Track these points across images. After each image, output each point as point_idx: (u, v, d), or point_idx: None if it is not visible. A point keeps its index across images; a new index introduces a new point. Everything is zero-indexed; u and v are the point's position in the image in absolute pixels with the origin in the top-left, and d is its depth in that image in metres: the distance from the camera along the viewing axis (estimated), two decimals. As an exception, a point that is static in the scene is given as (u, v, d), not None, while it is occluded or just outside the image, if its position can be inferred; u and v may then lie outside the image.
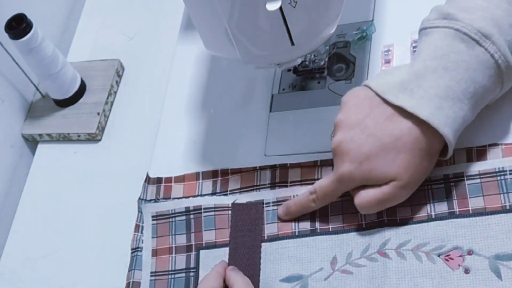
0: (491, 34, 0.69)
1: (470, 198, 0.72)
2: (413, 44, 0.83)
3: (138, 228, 0.83)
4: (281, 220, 0.78)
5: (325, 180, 0.74)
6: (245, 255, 0.77)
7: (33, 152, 0.99)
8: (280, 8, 0.71)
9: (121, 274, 0.82)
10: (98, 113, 0.97)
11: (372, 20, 0.89)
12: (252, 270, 0.76)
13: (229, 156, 0.85)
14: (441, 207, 0.73)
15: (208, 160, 0.86)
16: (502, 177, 0.72)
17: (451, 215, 0.72)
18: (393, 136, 0.70)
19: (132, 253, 0.82)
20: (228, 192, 0.82)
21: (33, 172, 0.97)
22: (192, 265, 0.79)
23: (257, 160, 0.83)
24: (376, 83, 0.73)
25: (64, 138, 0.98)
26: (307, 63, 0.88)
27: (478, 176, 0.73)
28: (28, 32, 0.91)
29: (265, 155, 0.84)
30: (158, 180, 0.86)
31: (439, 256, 0.70)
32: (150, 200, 0.84)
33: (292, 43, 0.74)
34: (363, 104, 0.73)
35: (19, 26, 0.91)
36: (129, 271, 0.81)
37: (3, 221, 0.95)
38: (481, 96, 0.71)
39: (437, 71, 0.70)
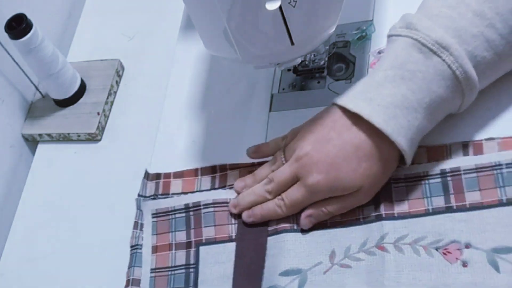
0: (449, 44, 0.71)
1: (466, 192, 0.73)
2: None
3: (137, 225, 0.84)
4: (246, 222, 0.79)
5: (294, 190, 0.76)
6: (252, 244, 0.78)
7: (33, 152, 0.99)
8: (280, 7, 0.71)
9: (121, 274, 0.82)
10: (98, 113, 0.97)
11: (372, 20, 0.89)
12: (257, 261, 0.76)
13: (229, 155, 0.85)
14: (438, 202, 0.74)
15: (208, 160, 0.86)
16: (499, 171, 0.73)
17: (448, 209, 0.73)
18: (354, 146, 0.72)
19: (131, 250, 0.82)
20: (227, 187, 0.83)
21: (33, 172, 0.97)
22: (192, 261, 0.79)
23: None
24: (340, 97, 0.75)
25: (64, 138, 0.98)
26: (307, 62, 0.88)
27: (474, 170, 0.74)
28: (28, 32, 0.91)
29: (265, 155, 0.84)
30: (157, 176, 0.86)
31: (437, 249, 0.71)
32: (149, 197, 0.85)
33: (292, 43, 0.74)
34: (327, 117, 0.75)
35: (19, 26, 0.90)
36: (128, 268, 0.81)
37: (3, 221, 0.94)
38: (438, 106, 0.73)
39: (394, 80, 0.72)
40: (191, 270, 0.79)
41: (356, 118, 0.73)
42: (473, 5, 0.71)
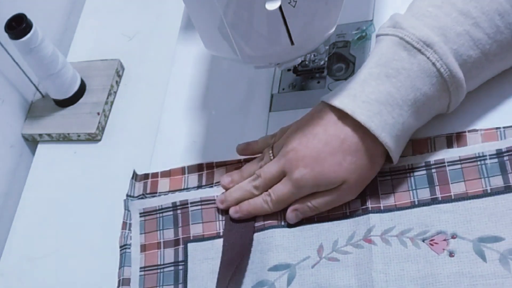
0: (433, 42, 0.71)
1: (451, 183, 0.74)
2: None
3: (125, 225, 0.84)
4: (233, 218, 0.79)
5: (280, 185, 0.76)
6: (238, 239, 0.78)
7: (33, 152, 0.99)
8: (280, 7, 0.71)
9: (121, 274, 0.82)
10: (98, 113, 0.97)
11: (372, 20, 0.89)
12: (242, 255, 0.76)
13: (228, 155, 0.85)
14: (424, 194, 0.74)
15: (208, 160, 0.86)
16: (482, 162, 0.74)
17: (434, 201, 0.74)
18: (339, 139, 0.73)
19: (120, 250, 0.82)
20: (214, 184, 0.83)
21: (33, 172, 0.97)
22: (180, 259, 0.79)
23: (257, 160, 0.83)
24: (327, 95, 0.76)
25: (64, 138, 0.98)
26: (307, 62, 0.88)
27: (458, 162, 0.75)
28: (28, 32, 0.91)
29: (265, 155, 0.84)
30: (145, 176, 0.86)
31: (423, 241, 0.72)
32: (137, 197, 0.85)
33: (292, 43, 0.74)
34: (314, 114, 0.76)
35: (19, 26, 0.91)
36: (119, 268, 0.81)
37: (3, 221, 0.95)
38: (423, 104, 0.73)
39: (379, 78, 0.73)
40: (180, 267, 0.79)
41: (342, 114, 0.74)
42: (459, 4, 0.72)
